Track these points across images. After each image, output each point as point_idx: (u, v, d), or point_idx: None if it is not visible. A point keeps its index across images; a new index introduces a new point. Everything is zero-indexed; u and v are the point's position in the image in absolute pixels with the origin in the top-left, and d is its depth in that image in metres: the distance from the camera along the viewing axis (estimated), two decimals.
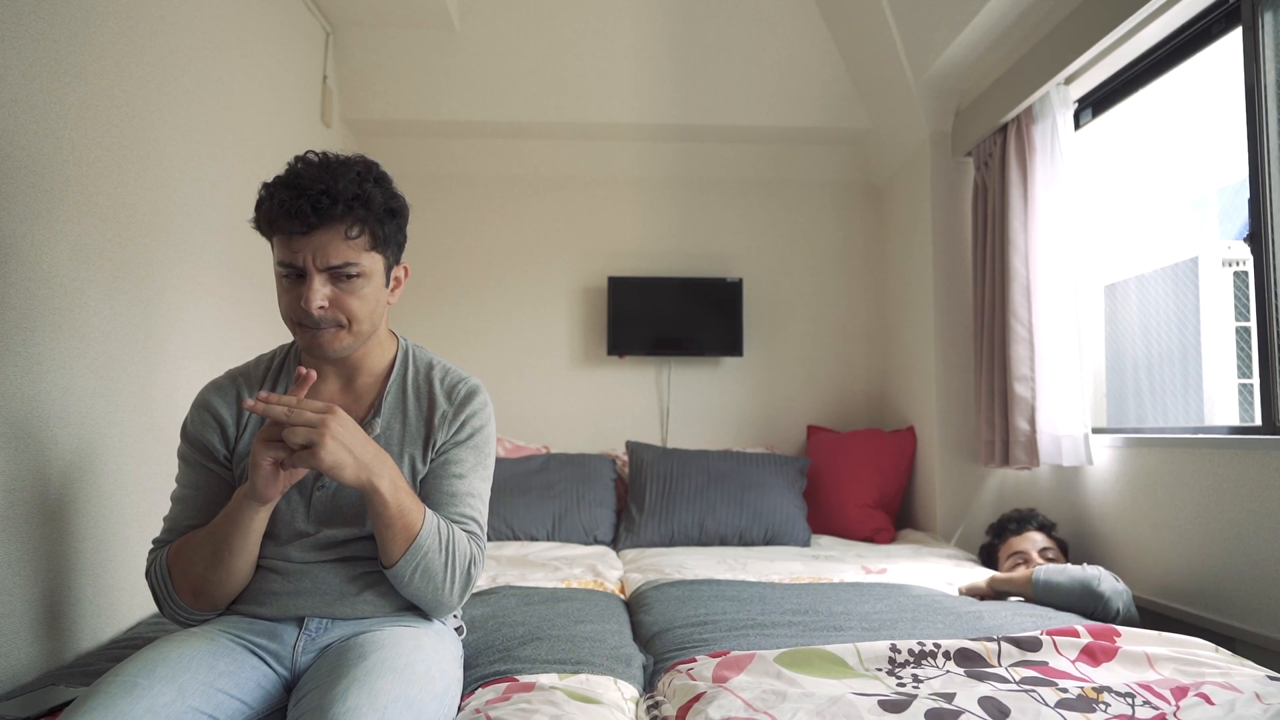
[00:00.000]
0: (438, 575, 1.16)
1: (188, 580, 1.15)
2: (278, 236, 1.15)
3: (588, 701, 1.20)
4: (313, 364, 1.26)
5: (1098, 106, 2.44)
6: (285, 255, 1.14)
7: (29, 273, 1.44)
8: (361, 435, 1.09)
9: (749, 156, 3.50)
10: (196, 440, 1.23)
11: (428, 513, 1.16)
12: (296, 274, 1.15)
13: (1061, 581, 1.83)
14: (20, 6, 1.42)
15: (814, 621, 1.62)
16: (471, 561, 1.21)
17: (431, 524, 1.15)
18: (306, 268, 1.13)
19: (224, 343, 2.15)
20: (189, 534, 1.19)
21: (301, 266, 1.13)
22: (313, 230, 1.11)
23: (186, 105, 1.99)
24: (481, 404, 1.30)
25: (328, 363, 1.25)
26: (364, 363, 1.27)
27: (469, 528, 1.24)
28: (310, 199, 1.09)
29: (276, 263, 1.16)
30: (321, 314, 1.14)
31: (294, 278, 1.15)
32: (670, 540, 2.78)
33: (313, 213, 1.09)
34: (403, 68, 3.14)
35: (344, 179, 1.12)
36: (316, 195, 1.09)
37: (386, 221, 1.18)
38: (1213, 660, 1.32)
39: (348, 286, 1.15)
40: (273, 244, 1.17)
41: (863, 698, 1.12)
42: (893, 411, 3.37)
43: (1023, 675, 1.25)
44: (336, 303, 1.15)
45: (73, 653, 1.55)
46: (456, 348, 3.40)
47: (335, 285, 1.15)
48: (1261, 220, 1.84)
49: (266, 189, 1.14)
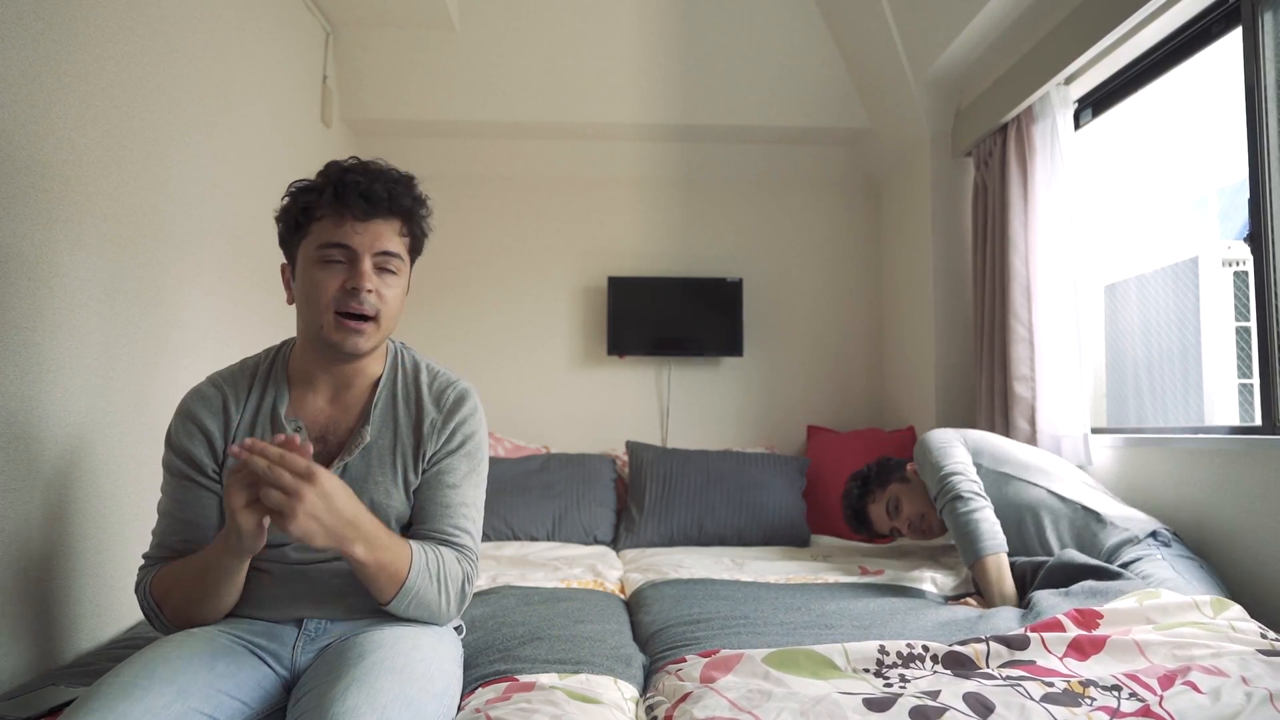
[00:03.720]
0: (432, 604, 1.17)
1: (175, 613, 1.15)
2: (328, 219, 1.15)
3: (588, 701, 1.20)
4: (310, 372, 1.24)
5: (1098, 106, 2.44)
6: (338, 236, 1.15)
7: (29, 273, 1.44)
8: (340, 501, 1.03)
9: (749, 156, 3.50)
10: (182, 452, 1.21)
11: (414, 552, 1.14)
12: (346, 257, 1.16)
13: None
14: (20, 6, 1.42)
15: (806, 621, 1.62)
16: (465, 580, 1.22)
17: (420, 563, 1.14)
18: (360, 251, 1.15)
19: (223, 343, 2.15)
20: (174, 567, 1.16)
21: (355, 249, 1.15)
22: (373, 217, 1.16)
23: (186, 105, 2.00)
24: (471, 409, 1.29)
25: (325, 370, 1.23)
26: (361, 372, 1.26)
27: (461, 540, 1.23)
28: (385, 185, 1.15)
29: (321, 245, 1.15)
30: (369, 297, 1.15)
31: (338, 263, 1.16)
32: (670, 540, 2.78)
33: (387, 199, 1.15)
34: (403, 68, 3.14)
35: (405, 183, 1.19)
36: (390, 184, 1.16)
37: (421, 235, 1.25)
38: (1201, 639, 1.32)
39: (386, 280, 1.18)
40: (306, 230, 1.17)
41: (848, 696, 1.12)
42: (893, 411, 3.37)
43: (1009, 675, 1.25)
44: (377, 292, 1.17)
45: (73, 653, 1.55)
46: (456, 348, 3.40)
47: (378, 276, 1.17)
48: (1261, 220, 1.84)
49: (331, 172, 1.17)
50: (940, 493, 1.98)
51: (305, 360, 1.24)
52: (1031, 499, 2.01)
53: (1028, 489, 2.03)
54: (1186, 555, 1.81)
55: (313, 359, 1.23)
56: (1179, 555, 1.80)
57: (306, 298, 1.18)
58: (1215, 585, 1.74)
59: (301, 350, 1.25)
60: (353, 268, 1.15)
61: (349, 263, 1.16)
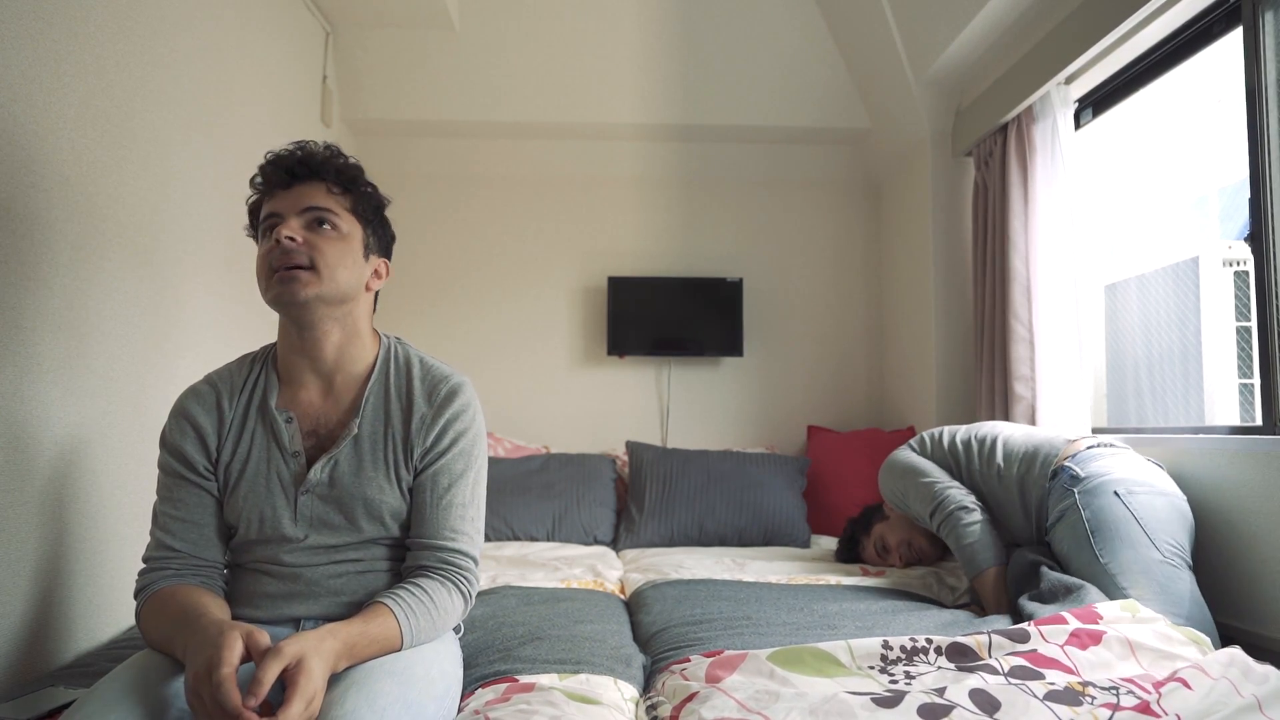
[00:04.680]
0: (436, 633, 1.18)
1: (155, 644, 1.10)
2: (264, 200, 1.21)
3: (587, 702, 1.20)
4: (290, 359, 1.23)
5: (1098, 106, 2.44)
6: (267, 208, 1.20)
7: (28, 273, 1.44)
8: (324, 667, 0.98)
9: (749, 156, 3.50)
10: (176, 450, 1.20)
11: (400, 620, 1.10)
12: (275, 222, 1.19)
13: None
14: (20, 6, 1.42)
15: (809, 621, 1.62)
16: (465, 601, 1.22)
17: (409, 628, 1.11)
18: (285, 213, 1.18)
19: (223, 343, 2.15)
20: (158, 607, 1.12)
21: (281, 213, 1.18)
22: (295, 183, 1.20)
23: (186, 105, 1.99)
24: (463, 405, 1.26)
25: (301, 353, 1.22)
26: (344, 361, 1.24)
27: (458, 544, 1.21)
28: (299, 157, 1.20)
29: (260, 223, 1.21)
30: (291, 244, 1.15)
31: (273, 232, 1.18)
32: (670, 540, 2.78)
33: (300, 164, 1.19)
34: (403, 68, 3.14)
35: (329, 150, 1.23)
36: (305, 155, 1.21)
37: (366, 198, 1.25)
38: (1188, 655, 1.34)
39: (323, 233, 1.19)
40: (257, 223, 1.23)
41: (856, 696, 1.13)
42: (893, 411, 3.37)
43: (1012, 665, 1.26)
44: (309, 243, 1.17)
45: (72, 653, 1.55)
46: (456, 347, 3.40)
47: (311, 232, 1.19)
48: (1262, 220, 1.84)
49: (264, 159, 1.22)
50: (935, 511, 1.99)
51: (284, 346, 1.25)
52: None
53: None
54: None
55: (288, 345, 1.23)
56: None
57: (257, 274, 1.20)
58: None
59: (280, 337, 1.26)
60: (279, 230, 1.18)
61: (276, 227, 1.19)
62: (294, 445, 1.21)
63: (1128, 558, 1.65)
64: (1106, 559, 1.66)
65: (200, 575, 1.18)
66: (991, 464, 2.01)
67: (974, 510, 1.94)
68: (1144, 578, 1.62)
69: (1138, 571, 1.63)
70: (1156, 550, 1.65)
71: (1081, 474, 1.80)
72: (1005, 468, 1.98)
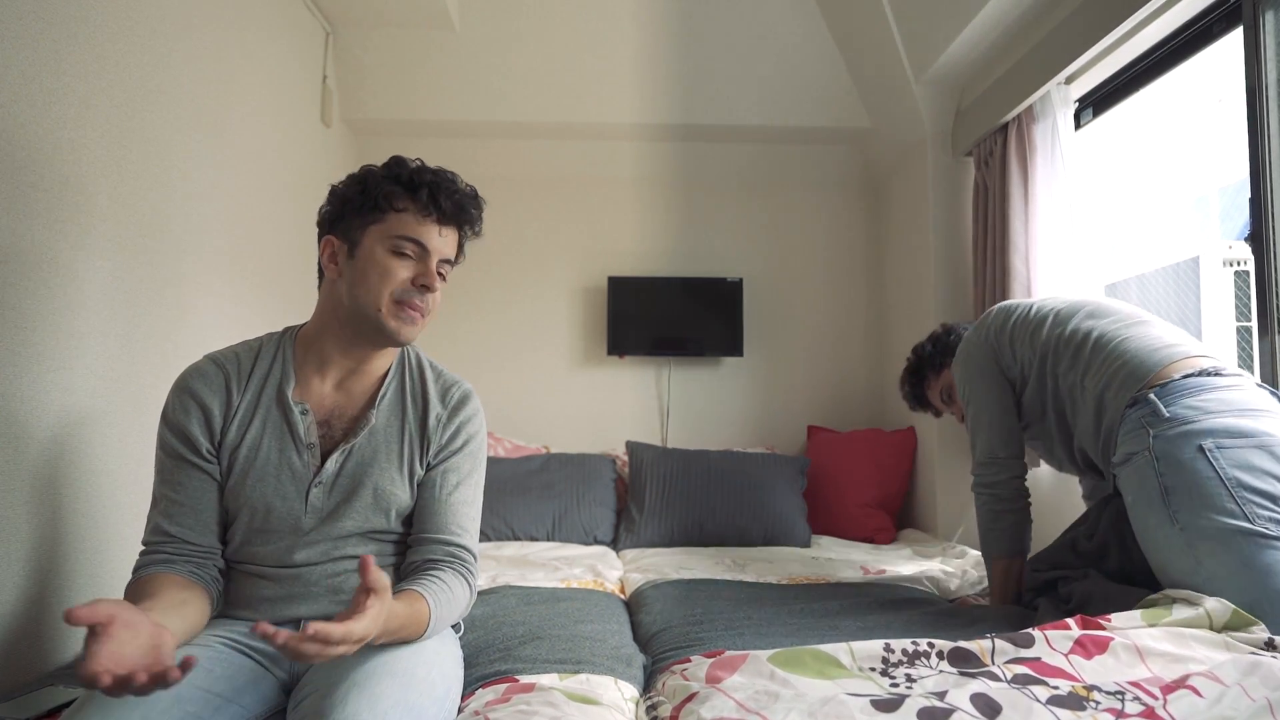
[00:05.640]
0: (448, 625, 1.21)
1: None
2: (410, 214, 1.21)
3: (587, 702, 1.20)
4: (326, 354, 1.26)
5: (1098, 106, 2.44)
6: (418, 233, 1.22)
7: (28, 273, 1.44)
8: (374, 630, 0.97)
9: (749, 156, 3.50)
10: (179, 429, 1.19)
11: (430, 607, 1.12)
12: (418, 254, 1.22)
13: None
14: (20, 6, 1.42)
15: (810, 622, 1.62)
16: (470, 592, 1.25)
17: (436, 616, 1.13)
18: (433, 252, 1.23)
19: (224, 342, 2.14)
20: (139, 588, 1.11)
21: (430, 250, 1.23)
22: (450, 225, 1.25)
23: (186, 105, 1.99)
24: (474, 409, 1.33)
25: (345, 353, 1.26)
26: (373, 361, 1.28)
27: (463, 539, 1.25)
28: (469, 199, 1.26)
29: (399, 236, 1.21)
30: (430, 297, 1.24)
31: (408, 256, 1.22)
32: (670, 540, 2.77)
33: (474, 211, 1.27)
34: (403, 68, 3.14)
35: (477, 200, 1.29)
36: (471, 199, 1.27)
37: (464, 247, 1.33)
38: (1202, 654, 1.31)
39: (441, 281, 1.26)
40: (382, 217, 1.21)
41: (855, 698, 1.12)
42: (893, 411, 3.37)
43: (1015, 673, 1.26)
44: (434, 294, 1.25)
45: (72, 653, 1.55)
46: (456, 347, 3.40)
47: (438, 279, 1.25)
48: (1263, 220, 1.84)
49: (416, 168, 1.24)
50: (975, 466, 1.85)
51: (324, 341, 1.25)
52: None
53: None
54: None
55: (334, 340, 1.24)
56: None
57: (368, 279, 1.20)
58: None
59: (323, 330, 1.25)
60: (423, 265, 1.22)
61: (419, 260, 1.22)
62: (309, 437, 1.22)
63: (1206, 524, 1.38)
64: (1184, 522, 1.40)
65: (192, 562, 1.17)
66: (1075, 368, 1.67)
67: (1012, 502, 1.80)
68: (1222, 549, 1.36)
69: (1216, 541, 1.37)
70: (1245, 518, 1.36)
71: (1165, 413, 1.46)
72: (1088, 378, 1.64)
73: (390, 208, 1.21)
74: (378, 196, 1.21)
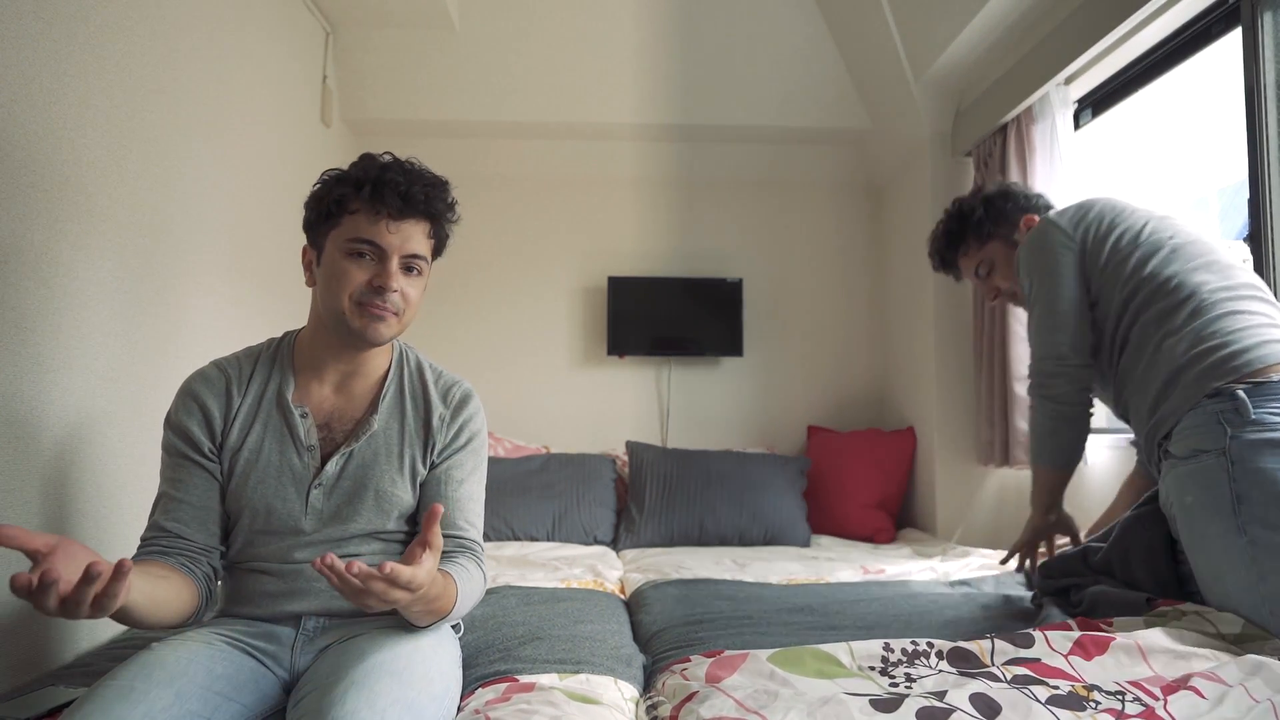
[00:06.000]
0: (466, 610, 1.21)
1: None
2: (362, 214, 1.17)
3: (587, 702, 1.20)
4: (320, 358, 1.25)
5: (1097, 106, 2.45)
6: (370, 234, 1.18)
7: (29, 273, 1.44)
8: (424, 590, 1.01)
9: (749, 156, 3.50)
10: (181, 430, 1.21)
11: (459, 585, 1.14)
12: (375, 255, 1.18)
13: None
14: (20, 6, 1.42)
15: (810, 621, 1.62)
16: (484, 579, 1.28)
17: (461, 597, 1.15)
18: (389, 251, 1.18)
19: (224, 342, 2.15)
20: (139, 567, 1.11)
21: (385, 248, 1.18)
22: (406, 218, 1.19)
23: (187, 105, 2.00)
24: (476, 408, 1.34)
25: (336, 357, 1.25)
26: (369, 363, 1.28)
27: (471, 535, 1.27)
28: (422, 188, 1.19)
29: (352, 239, 1.18)
30: (393, 297, 1.19)
31: (367, 258, 1.18)
32: (670, 540, 2.78)
33: (424, 201, 1.19)
34: (403, 68, 3.14)
35: (440, 187, 1.23)
36: (426, 187, 1.20)
37: (445, 237, 1.28)
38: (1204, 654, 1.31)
39: (410, 280, 1.22)
40: (337, 221, 1.19)
41: (854, 697, 1.12)
42: (893, 412, 3.37)
43: (1015, 673, 1.25)
44: (401, 291, 1.21)
45: (72, 653, 1.55)
46: (456, 347, 3.40)
47: (404, 275, 1.21)
48: (1261, 220, 1.84)
49: (369, 168, 1.19)
50: (1038, 381, 1.67)
51: (316, 345, 1.26)
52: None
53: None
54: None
55: (325, 344, 1.25)
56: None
57: (330, 285, 1.19)
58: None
59: (314, 335, 1.26)
60: (381, 266, 1.19)
61: (377, 260, 1.19)
62: (310, 440, 1.23)
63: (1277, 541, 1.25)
64: (1253, 535, 1.27)
65: (186, 556, 1.17)
66: (1162, 324, 1.49)
67: (1074, 416, 1.64)
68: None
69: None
70: None
71: (1251, 414, 1.32)
72: (1173, 339, 1.46)
73: (344, 211, 1.18)
74: (331, 202, 1.19)
